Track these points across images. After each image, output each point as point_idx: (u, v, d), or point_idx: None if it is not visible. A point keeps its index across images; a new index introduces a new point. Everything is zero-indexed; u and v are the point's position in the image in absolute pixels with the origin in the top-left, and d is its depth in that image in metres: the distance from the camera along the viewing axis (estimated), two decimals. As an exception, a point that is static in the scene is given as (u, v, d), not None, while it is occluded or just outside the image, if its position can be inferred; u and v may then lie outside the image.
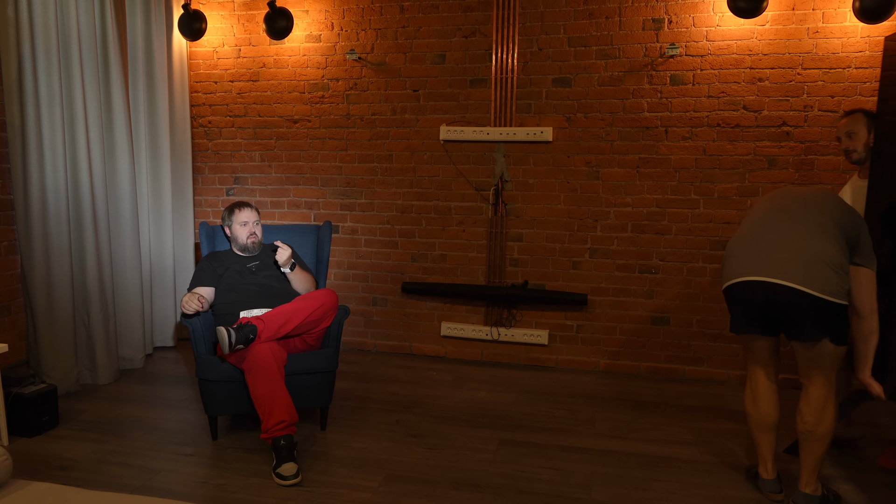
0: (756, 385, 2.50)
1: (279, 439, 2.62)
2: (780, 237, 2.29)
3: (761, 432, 2.51)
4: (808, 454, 2.39)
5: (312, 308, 2.93)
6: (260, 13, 4.27)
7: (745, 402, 2.56)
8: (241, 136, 4.49)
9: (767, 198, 2.52)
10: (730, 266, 2.40)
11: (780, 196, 2.49)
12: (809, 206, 2.36)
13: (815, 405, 2.35)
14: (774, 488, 2.50)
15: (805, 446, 2.39)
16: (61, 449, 2.84)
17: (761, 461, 2.53)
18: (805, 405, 2.37)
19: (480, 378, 3.89)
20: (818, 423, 2.34)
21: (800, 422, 2.39)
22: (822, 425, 2.34)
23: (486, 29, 4.01)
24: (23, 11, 3.19)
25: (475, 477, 2.64)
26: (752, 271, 2.30)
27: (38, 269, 3.33)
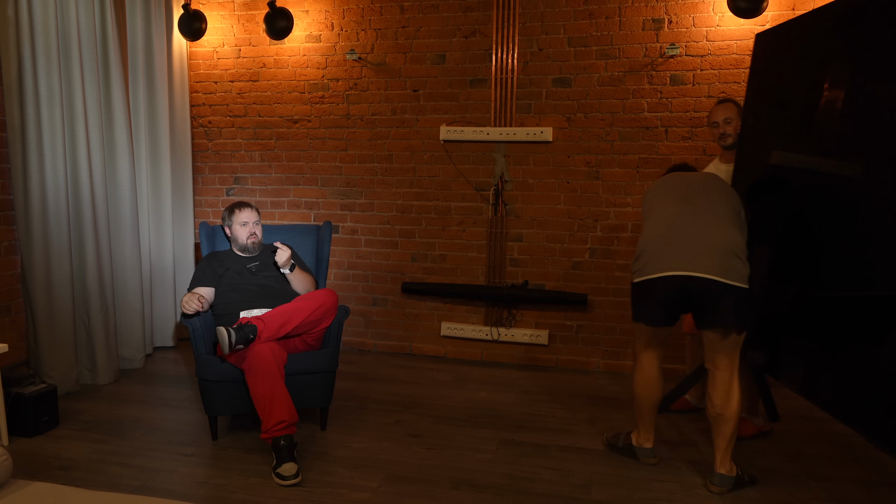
0: (648, 370, 2.68)
1: (279, 439, 2.62)
2: (693, 231, 2.46)
3: (649, 411, 2.71)
4: (720, 436, 2.51)
5: (312, 308, 2.93)
6: (260, 13, 4.27)
7: (636, 385, 2.72)
8: (241, 136, 4.49)
9: (662, 189, 2.69)
10: (647, 261, 2.51)
11: (676, 186, 2.66)
12: (709, 196, 2.56)
13: (722, 389, 2.49)
14: (653, 454, 2.75)
15: (716, 429, 2.51)
16: (61, 449, 2.84)
17: (644, 434, 2.74)
18: (713, 390, 2.50)
19: (480, 378, 3.89)
20: (726, 406, 2.48)
21: (710, 406, 2.52)
22: (731, 407, 2.48)
23: (486, 29, 4.01)
24: (23, 11, 3.19)
25: (475, 477, 2.64)
26: (672, 266, 2.42)
27: (38, 269, 3.33)
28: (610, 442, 2.90)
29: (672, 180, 2.72)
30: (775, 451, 2.90)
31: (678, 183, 2.69)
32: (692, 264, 2.39)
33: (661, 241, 2.50)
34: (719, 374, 2.50)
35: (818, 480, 2.63)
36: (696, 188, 2.62)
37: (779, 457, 2.84)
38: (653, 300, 2.52)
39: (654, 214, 2.61)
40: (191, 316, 2.94)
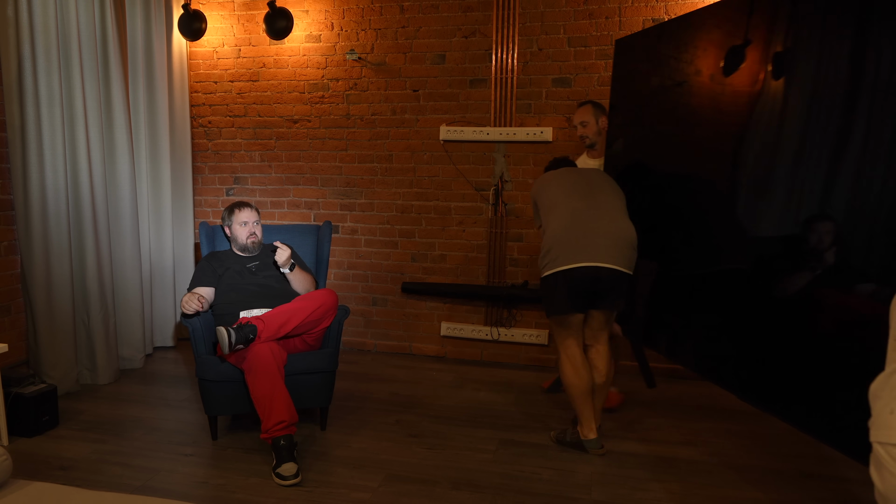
0: (575, 357, 2.82)
1: (279, 439, 2.62)
2: (597, 225, 2.70)
3: (585, 397, 2.81)
4: (600, 400, 2.90)
5: (312, 308, 2.93)
6: (260, 13, 4.27)
7: (566, 374, 2.82)
8: (241, 136, 4.49)
9: (561, 184, 2.87)
10: (559, 254, 2.69)
11: (575, 181, 2.87)
12: (605, 191, 2.83)
13: (607, 358, 2.87)
14: (599, 445, 2.85)
15: (600, 394, 2.88)
16: (61, 449, 2.84)
17: (586, 424, 2.83)
18: (601, 362, 2.85)
19: (480, 378, 3.88)
20: (611, 372, 2.88)
21: (597, 376, 2.85)
22: (611, 373, 2.90)
23: (486, 29, 4.01)
24: (23, 11, 3.19)
25: (475, 477, 2.64)
26: (586, 258, 2.65)
27: (38, 269, 3.33)
28: (558, 438, 2.97)
29: (569, 176, 2.93)
30: (775, 450, 2.90)
31: (576, 179, 2.90)
32: (602, 256, 2.64)
33: (572, 234, 2.69)
34: (603, 347, 2.87)
35: (816, 479, 2.63)
36: (593, 184, 2.86)
37: (779, 456, 2.84)
38: (569, 290, 2.70)
39: (560, 209, 2.78)
40: (191, 316, 2.94)
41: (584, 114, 3.34)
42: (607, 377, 2.86)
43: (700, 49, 2.73)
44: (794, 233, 2.27)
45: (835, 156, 2.14)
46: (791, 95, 2.33)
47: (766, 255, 2.39)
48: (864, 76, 2.06)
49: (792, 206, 2.30)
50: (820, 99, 2.21)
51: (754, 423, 3.15)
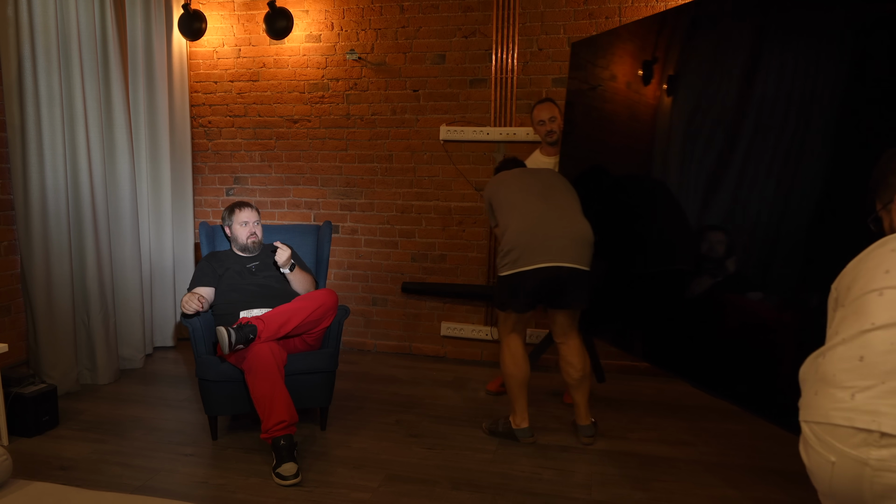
0: (517, 350, 2.93)
1: (279, 439, 2.62)
2: (556, 225, 2.77)
3: (522, 388, 2.94)
4: (583, 394, 2.95)
5: (312, 308, 2.93)
6: (260, 13, 4.27)
7: (507, 365, 2.94)
8: (241, 136, 4.49)
9: (517, 185, 2.93)
10: (520, 255, 2.75)
11: (530, 182, 2.94)
12: (561, 192, 2.92)
13: (580, 353, 2.94)
14: (530, 433, 2.96)
15: (580, 389, 2.94)
16: (61, 449, 2.84)
17: (520, 413, 2.95)
18: (574, 358, 2.92)
19: (480, 378, 3.88)
20: (586, 367, 2.95)
21: (573, 371, 2.93)
22: (587, 367, 2.96)
23: (486, 29, 4.01)
24: (23, 11, 3.19)
25: (475, 477, 2.64)
26: (546, 258, 2.72)
27: (38, 269, 3.33)
28: (490, 429, 3.05)
29: (523, 177, 2.99)
30: (775, 450, 2.90)
31: (533, 179, 2.97)
32: (562, 256, 2.73)
33: (532, 235, 2.75)
34: (574, 343, 2.94)
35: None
36: (549, 184, 2.94)
37: (779, 457, 2.84)
38: (528, 289, 2.77)
39: (519, 210, 2.83)
40: (191, 316, 2.94)
41: (551, 109, 3.42)
42: (583, 371, 2.93)
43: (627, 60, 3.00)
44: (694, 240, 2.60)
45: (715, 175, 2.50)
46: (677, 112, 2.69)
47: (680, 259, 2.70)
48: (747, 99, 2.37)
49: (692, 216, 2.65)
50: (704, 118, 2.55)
51: (754, 423, 3.15)
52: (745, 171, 2.36)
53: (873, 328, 1.26)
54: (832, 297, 1.47)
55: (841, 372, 1.27)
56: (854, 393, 1.23)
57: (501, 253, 2.82)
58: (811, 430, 1.30)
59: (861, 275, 1.36)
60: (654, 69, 2.84)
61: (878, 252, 1.37)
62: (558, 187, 2.94)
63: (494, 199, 2.98)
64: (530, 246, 2.74)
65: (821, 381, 1.31)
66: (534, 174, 3.02)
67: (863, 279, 1.35)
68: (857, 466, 1.20)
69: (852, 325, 1.31)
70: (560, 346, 2.97)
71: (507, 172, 3.07)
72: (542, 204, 2.83)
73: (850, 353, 1.28)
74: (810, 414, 1.31)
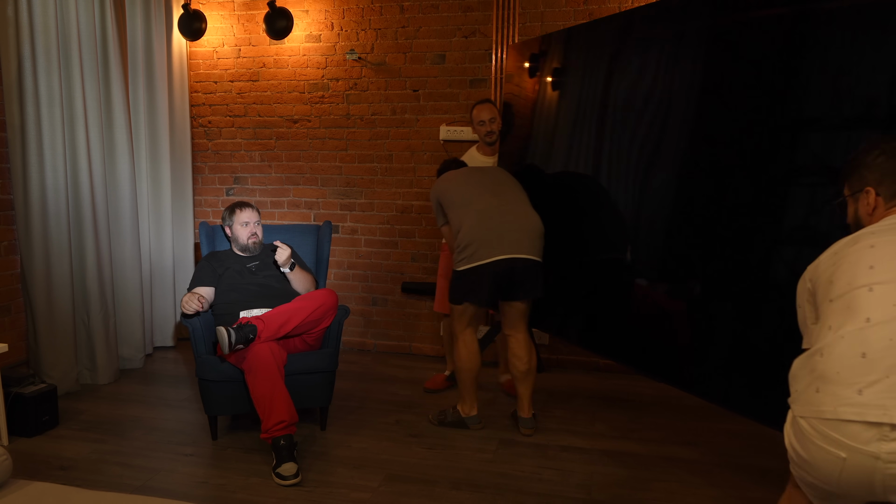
0: (471, 343, 3.03)
1: (279, 439, 2.62)
2: (509, 219, 2.89)
3: (474, 380, 3.05)
4: (528, 386, 3.04)
5: (312, 308, 2.93)
6: (260, 13, 4.27)
7: (462, 358, 3.02)
8: (241, 136, 4.49)
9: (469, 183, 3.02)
10: (476, 249, 2.85)
11: (481, 180, 3.04)
12: (510, 187, 3.04)
13: (527, 346, 3.02)
14: (478, 420, 3.08)
15: (525, 382, 3.03)
16: (61, 449, 2.85)
17: (469, 402, 3.07)
18: (521, 350, 3.00)
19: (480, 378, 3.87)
20: (532, 360, 3.03)
21: (519, 364, 3.01)
22: (533, 360, 3.04)
23: (486, 29, 4.01)
24: (23, 11, 3.19)
25: (475, 477, 2.64)
26: (502, 251, 2.83)
27: (38, 269, 3.33)
28: (439, 419, 3.14)
29: (475, 175, 3.10)
30: (775, 450, 2.90)
31: (482, 177, 3.08)
32: (517, 248, 2.85)
33: (487, 230, 2.86)
34: (522, 335, 3.02)
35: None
36: (499, 181, 3.06)
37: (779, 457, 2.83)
38: (485, 283, 2.86)
39: (473, 207, 2.93)
40: (191, 316, 2.94)
41: (491, 110, 3.47)
42: (530, 364, 3.02)
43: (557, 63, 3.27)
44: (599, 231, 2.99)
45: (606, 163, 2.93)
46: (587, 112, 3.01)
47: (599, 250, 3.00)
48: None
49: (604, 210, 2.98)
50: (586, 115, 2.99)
51: (754, 424, 3.14)
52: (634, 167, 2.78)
53: (870, 324, 1.30)
54: (805, 288, 1.53)
55: (845, 369, 1.29)
56: (861, 389, 1.26)
57: (458, 249, 2.92)
58: (812, 426, 1.32)
59: (842, 270, 1.41)
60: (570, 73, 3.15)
61: (856, 249, 1.42)
62: (507, 183, 3.07)
63: (444, 198, 3.06)
64: (486, 240, 2.84)
65: (821, 379, 1.33)
66: (482, 172, 3.13)
67: (846, 275, 1.39)
68: (869, 461, 1.23)
69: (846, 321, 1.34)
70: (509, 338, 3.06)
71: (453, 172, 3.16)
72: (494, 199, 2.94)
73: (851, 350, 1.30)
74: (811, 411, 1.33)
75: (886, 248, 1.38)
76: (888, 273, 1.34)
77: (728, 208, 2.35)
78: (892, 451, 1.22)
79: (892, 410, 1.22)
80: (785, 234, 2.19)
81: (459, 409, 3.10)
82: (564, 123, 3.20)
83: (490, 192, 2.97)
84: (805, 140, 2.16)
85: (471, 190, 2.99)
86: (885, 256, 1.37)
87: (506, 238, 2.85)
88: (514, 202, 2.97)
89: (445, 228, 3.16)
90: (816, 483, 1.36)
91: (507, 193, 3.00)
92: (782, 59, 2.19)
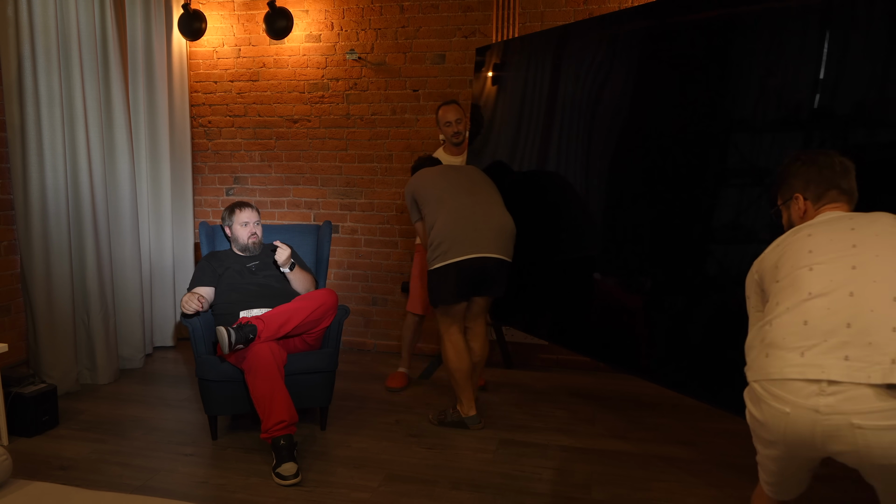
0: (459, 342, 3.05)
1: (279, 439, 2.62)
2: (483, 219, 2.94)
3: (467, 379, 3.07)
4: (476, 376, 3.16)
5: (312, 308, 2.93)
6: (260, 13, 4.27)
7: (451, 359, 3.04)
8: (241, 136, 4.49)
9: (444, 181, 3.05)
10: (450, 247, 2.90)
11: (456, 178, 3.08)
12: (485, 187, 3.09)
13: (482, 339, 3.15)
14: (478, 420, 3.10)
15: (475, 372, 3.13)
16: (61, 449, 2.85)
17: (467, 403, 3.08)
18: (477, 343, 3.13)
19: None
20: (483, 353, 3.15)
21: (473, 356, 3.09)
22: (485, 354, 3.18)
23: (486, 29, 4.01)
24: (23, 11, 3.19)
25: (475, 477, 2.64)
26: (476, 249, 2.89)
27: (38, 269, 3.33)
28: (440, 420, 3.16)
29: (448, 173, 3.12)
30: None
31: (458, 176, 3.11)
32: (489, 247, 2.91)
33: (461, 228, 2.90)
34: (480, 329, 3.15)
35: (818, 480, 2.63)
36: (474, 180, 3.10)
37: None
38: (459, 280, 2.91)
39: (448, 205, 2.96)
40: (191, 316, 2.94)
41: (458, 111, 3.55)
42: (482, 356, 3.15)
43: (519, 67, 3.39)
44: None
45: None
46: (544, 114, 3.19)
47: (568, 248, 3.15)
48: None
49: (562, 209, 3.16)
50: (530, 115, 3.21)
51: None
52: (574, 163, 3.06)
53: (811, 297, 1.51)
54: (753, 279, 1.76)
55: (789, 336, 1.49)
56: (803, 351, 1.45)
57: (431, 246, 2.96)
58: (763, 388, 1.51)
59: (786, 256, 1.63)
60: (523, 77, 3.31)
61: (796, 237, 1.66)
62: (482, 183, 3.12)
63: (420, 195, 3.10)
64: (459, 238, 2.89)
65: (770, 346, 1.52)
66: (458, 170, 3.17)
67: (790, 259, 1.62)
68: (810, 414, 1.41)
69: (790, 296, 1.55)
70: (467, 329, 3.14)
71: (429, 169, 3.19)
72: (469, 198, 2.98)
73: (795, 319, 1.50)
74: (762, 374, 1.52)
75: (822, 236, 1.61)
76: (824, 255, 1.56)
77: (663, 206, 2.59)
78: (829, 404, 1.38)
79: (828, 369, 1.39)
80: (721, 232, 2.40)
81: (459, 410, 3.11)
82: (516, 124, 3.36)
83: (465, 191, 3.01)
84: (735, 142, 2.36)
85: (446, 188, 3.03)
86: (821, 242, 1.59)
87: (480, 237, 2.90)
88: (488, 202, 3.02)
89: (419, 224, 3.20)
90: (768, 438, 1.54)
91: (481, 193, 3.05)
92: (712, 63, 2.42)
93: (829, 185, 1.74)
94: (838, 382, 1.38)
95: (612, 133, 2.85)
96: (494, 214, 2.98)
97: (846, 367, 1.38)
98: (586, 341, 3.02)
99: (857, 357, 1.38)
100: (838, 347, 1.41)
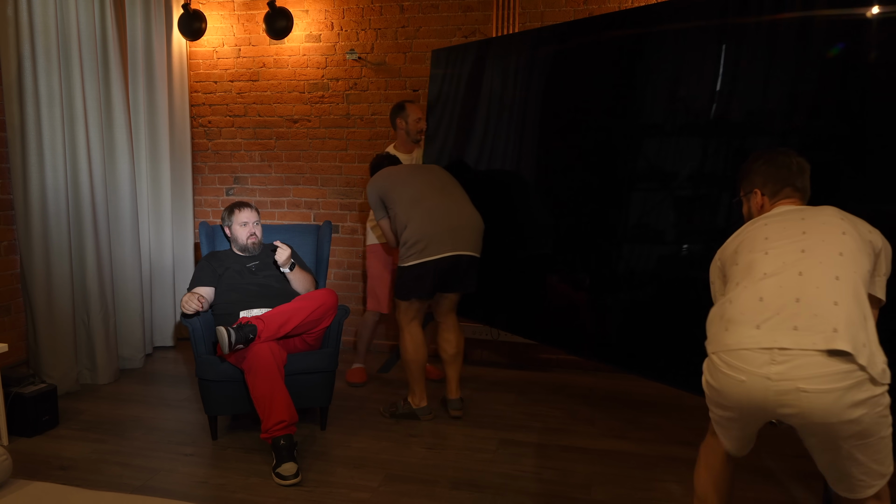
0: (417, 336, 3.15)
1: (279, 439, 2.62)
2: (456, 217, 3.04)
3: (422, 372, 3.17)
4: (455, 369, 3.24)
5: (312, 308, 2.93)
6: (260, 13, 4.27)
7: (409, 351, 3.14)
8: (241, 135, 4.49)
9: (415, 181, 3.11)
10: (426, 245, 2.97)
11: (425, 177, 3.15)
12: (454, 186, 3.18)
13: (457, 330, 3.24)
14: (429, 411, 3.20)
15: (454, 365, 3.23)
16: (61, 449, 2.85)
17: (419, 394, 3.18)
18: (452, 336, 3.22)
19: (481, 377, 3.88)
20: (460, 343, 3.24)
21: (449, 348, 3.22)
22: (461, 344, 3.25)
23: (486, 29, 4.01)
24: (23, 11, 3.19)
25: (475, 477, 2.64)
26: (450, 248, 2.99)
27: (38, 269, 3.33)
28: (391, 412, 3.23)
29: (417, 173, 3.20)
30: (775, 450, 2.90)
31: (427, 175, 3.18)
32: (463, 245, 3.02)
33: (439, 227, 2.99)
34: (453, 321, 3.24)
35: (818, 479, 2.63)
36: (443, 180, 3.19)
37: (779, 457, 2.84)
38: (431, 277, 3.00)
39: (421, 204, 3.03)
40: (191, 316, 2.94)
41: (421, 110, 3.71)
42: (458, 348, 3.23)
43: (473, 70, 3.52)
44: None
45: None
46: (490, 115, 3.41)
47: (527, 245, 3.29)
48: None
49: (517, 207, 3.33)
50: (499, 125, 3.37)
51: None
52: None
53: (765, 277, 1.69)
54: (716, 265, 1.95)
55: (747, 311, 1.66)
56: (758, 325, 1.62)
57: (405, 244, 3.01)
58: (720, 359, 1.68)
59: (744, 243, 1.82)
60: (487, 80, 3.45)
61: (754, 227, 1.85)
62: (451, 182, 3.21)
63: (390, 194, 3.12)
64: (437, 237, 2.97)
65: (729, 321, 1.69)
66: (428, 170, 3.24)
67: (747, 245, 1.81)
68: (763, 381, 1.58)
69: (747, 276, 1.73)
70: (440, 324, 3.25)
71: (395, 168, 3.24)
72: (443, 198, 3.07)
73: (752, 296, 1.68)
74: (721, 346, 1.69)
75: (776, 225, 1.81)
76: (778, 241, 1.75)
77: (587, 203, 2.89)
78: (780, 371, 1.55)
79: (780, 339, 1.57)
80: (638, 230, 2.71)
81: (410, 401, 3.19)
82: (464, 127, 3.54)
83: (438, 191, 3.09)
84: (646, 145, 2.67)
85: (419, 188, 3.09)
86: (775, 230, 1.79)
87: (456, 235, 3.00)
88: (459, 201, 3.11)
89: (385, 222, 3.22)
90: (726, 404, 1.71)
91: (452, 192, 3.14)
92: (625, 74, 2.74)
93: (785, 183, 1.93)
94: (788, 350, 1.56)
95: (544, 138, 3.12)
96: (468, 213, 3.08)
97: (795, 336, 1.56)
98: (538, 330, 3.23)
99: (805, 327, 1.56)
100: (788, 319, 1.59)
